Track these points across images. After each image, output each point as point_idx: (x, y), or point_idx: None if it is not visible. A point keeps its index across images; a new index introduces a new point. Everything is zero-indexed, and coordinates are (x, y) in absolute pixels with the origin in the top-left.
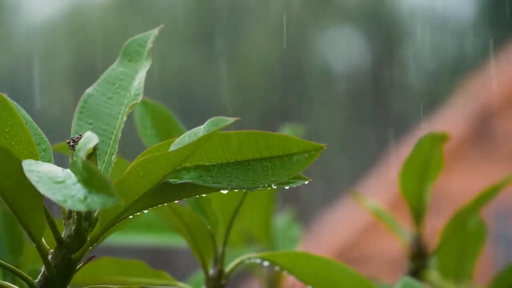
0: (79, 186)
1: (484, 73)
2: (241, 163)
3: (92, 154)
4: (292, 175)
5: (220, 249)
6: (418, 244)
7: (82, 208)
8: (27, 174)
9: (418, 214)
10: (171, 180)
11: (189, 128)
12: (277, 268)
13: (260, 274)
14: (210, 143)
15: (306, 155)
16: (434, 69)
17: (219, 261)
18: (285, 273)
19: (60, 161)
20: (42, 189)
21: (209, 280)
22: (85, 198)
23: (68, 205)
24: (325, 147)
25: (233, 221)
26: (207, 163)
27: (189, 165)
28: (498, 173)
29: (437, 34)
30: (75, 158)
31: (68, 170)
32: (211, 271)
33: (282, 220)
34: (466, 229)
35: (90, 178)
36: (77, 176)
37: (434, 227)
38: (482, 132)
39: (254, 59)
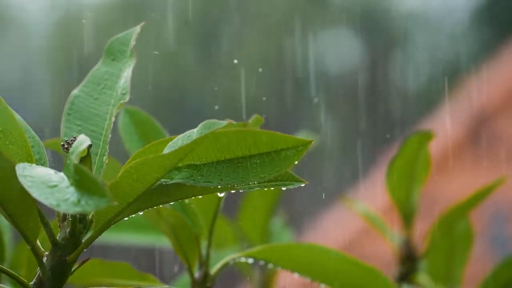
0: (72, 189)
1: (480, 75)
2: (231, 161)
3: (87, 157)
4: (282, 171)
5: (204, 251)
6: (407, 247)
7: (76, 211)
8: (20, 179)
9: (407, 217)
10: (162, 180)
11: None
12: (262, 262)
13: (253, 276)
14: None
15: (294, 150)
16: (430, 71)
17: (204, 264)
18: (270, 266)
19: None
20: (35, 194)
21: (194, 283)
22: (79, 201)
23: (62, 209)
24: (312, 142)
25: (215, 223)
26: (198, 162)
27: (181, 164)
28: (494, 175)
29: (433, 36)
30: (68, 161)
31: (61, 174)
32: (197, 274)
33: (274, 224)
34: (454, 232)
35: (82, 181)
36: (70, 180)
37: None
38: (478, 134)
39: (248, 60)
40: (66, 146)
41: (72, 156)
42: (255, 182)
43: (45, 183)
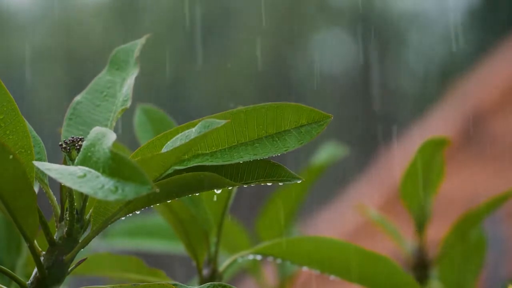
0: (103, 178)
1: (474, 75)
2: (246, 144)
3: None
4: (303, 143)
5: (213, 248)
6: (420, 254)
7: (115, 198)
8: (47, 173)
9: (420, 224)
10: (177, 167)
11: None
12: (270, 258)
13: (265, 285)
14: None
15: (315, 125)
16: (425, 71)
17: (213, 260)
18: (278, 261)
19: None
20: (68, 183)
21: (203, 280)
22: (116, 188)
23: (99, 196)
24: (332, 117)
25: (224, 220)
26: (207, 151)
27: (186, 157)
28: (489, 174)
29: (428, 36)
30: (89, 154)
31: (81, 167)
32: (205, 271)
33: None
34: (467, 239)
35: (119, 168)
36: (98, 170)
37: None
38: (473, 133)
39: (243, 60)
40: (64, 146)
41: (99, 146)
42: (277, 154)
43: (73, 174)
